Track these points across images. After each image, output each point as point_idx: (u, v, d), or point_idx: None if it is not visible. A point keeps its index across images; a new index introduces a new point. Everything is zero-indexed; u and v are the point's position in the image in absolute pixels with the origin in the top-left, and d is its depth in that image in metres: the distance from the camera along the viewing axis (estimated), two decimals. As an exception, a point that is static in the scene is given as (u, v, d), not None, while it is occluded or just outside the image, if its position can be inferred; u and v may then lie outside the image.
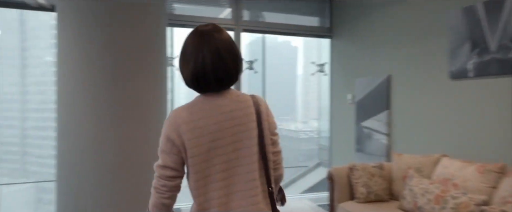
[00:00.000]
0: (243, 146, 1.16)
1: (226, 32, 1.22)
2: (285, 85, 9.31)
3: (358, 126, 4.13)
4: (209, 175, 1.15)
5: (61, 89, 2.84)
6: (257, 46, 8.72)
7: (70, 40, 2.83)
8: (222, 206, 1.14)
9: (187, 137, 1.13)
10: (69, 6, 2.82)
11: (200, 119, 1.15)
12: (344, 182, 2.85)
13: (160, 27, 3.30)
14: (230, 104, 1.18)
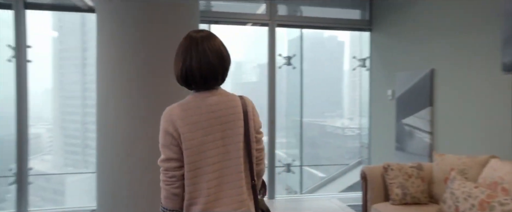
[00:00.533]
0: (231, 142, 1.29)
1: (218, 39, 1.35)
2: (331, 81, 9.03)
3: (399, 123, 3.90)
4: (200, 167, 1.25)
5: (99, 87, 2.99)
6: (303, 41, 8.58)
7: (108, 39, 2.97)
8: (212, 196, 1.25)
9: (182, 131, 1.25)
10: (107, 7, 2.95)
11: (192, 115, 1.27)
12: (378, 182, 2.69)
13: (192, 25, 3.35)
14: (220, 103, 1.31)
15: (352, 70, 5.37)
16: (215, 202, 1.25)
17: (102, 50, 3.01)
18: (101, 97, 3.01)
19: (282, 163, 5.35)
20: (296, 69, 5.39)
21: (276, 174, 5.01)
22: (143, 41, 2.95)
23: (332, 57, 9.09)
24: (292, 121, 5.92)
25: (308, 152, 8.01)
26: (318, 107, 8.90)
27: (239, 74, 9.37)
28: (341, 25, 4.74)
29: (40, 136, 8.22)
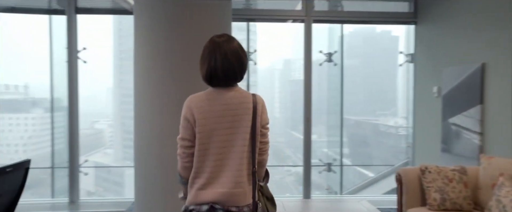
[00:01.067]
0: (237, 132, 1.49)
1: (236, 42, 1.55)
2: (384, 78, 8.63)
3: (445, 122, 3.62)
4: (208, 148, 1.48)
5: (136, 85, 3.15)
6: (355, 37, 8.26)
7: (143, 39, 3.11)
8: (213, 174, 1.48)
9: (197, 117, 1.48)
10: (144, 8, 3.10)
11: (208, 105, 1.50)
12: (415, 186, 2.51)
13: (225, 23, 3.39)
14: (233, 98, 1.52)
15: (399, 66, 5.09)
16: (214, 179, 1.47)
17: (138, 49, 3.16)
18: (138, 95, 3.16)
19: (323, 162, 5.24)
20: (344, 66, 5.26)
21: (316, 173, 4.94)
22: (177, 40, 3.04)
23: (385, 53, 8.66)
24: (342, 120, 5.75)
25: (360, 151, 7.73)
26: (370, 105, 8.56)
27: (287, 71, 9.30)
28: (383, 19, 4.50)
29: (103, 131, 8.83)
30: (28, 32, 4.75)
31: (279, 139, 9.11)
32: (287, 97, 9.32)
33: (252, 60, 4.75)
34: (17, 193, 1.67)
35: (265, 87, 9.22)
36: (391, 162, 6.84)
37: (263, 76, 9.11)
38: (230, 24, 3.48)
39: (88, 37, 4.98)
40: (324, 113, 6.27)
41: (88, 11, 4.20)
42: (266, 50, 8.84)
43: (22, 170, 1.65)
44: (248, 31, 4.77)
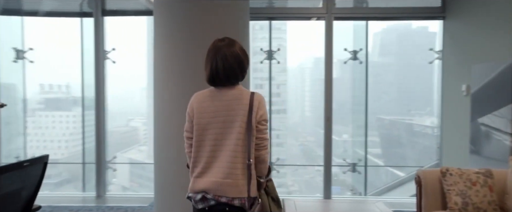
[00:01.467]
0: (232, 126, 1.59)
1: (237, 45, 1.68)
2: (419, 76, 8.31)
3: (474, 122, 3.42)
4: (203, 140, 1.62)
5: (156, 85, 3.23)
6: (389, 34, 7.98)
7: (162, 39, 3.19)
8: (207, 164, 1.60)
9: (195, 112, 1.65)
10: (162, 8, 3.17)
11: (207, 101, 1.65)
12: (435, 188, 2.40)
13: (243, 23, 3.40)
14: (230, 96, 1.63)
15: (429, 63, 4.88)
16: (208, 169, 1.59)
17: (157, 49, 3.24)
18: (157, 94, 3.24)
19: (347, 162, 5.15)
20: (377, 64, 5.15)
21: (349, 173, 4.87)
22: (194, 40, 3.09)
23: (421, 50, 8.32)
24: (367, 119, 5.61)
25: (393, 151, 7.49)
26: (405, 104, 8.29)
27: (318, 70, 9.14)
28: (409, 14, 4.33)
29: (137, 129, 9.17)
30: (68, 34, 5.03)
31: (309, 138, 8.96)
32: (317, 96, 9.19)
33: (275, 59, 4.73)
34: (36, 187, 1.77)
35: (295, 86, 9.09)
36: (424, 163, 6.58)
37: (293, 75, 8.99)
38: (248, 23, 3.49)
39: (124, 38, 5.19)
40: (356, 112, 6.15)
41: (113, 13, 4.36)
42: (296, 49, 8.71)
43: (41, 165, 1.75)
44: (270, 29, 4.76)
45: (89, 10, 4.36)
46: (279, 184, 6.28)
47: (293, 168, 7.66)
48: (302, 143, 9.22)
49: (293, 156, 8.31)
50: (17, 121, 5.21)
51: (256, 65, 5.64)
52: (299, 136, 8.93)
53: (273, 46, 4.68)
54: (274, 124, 3.71)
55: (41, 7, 4.58)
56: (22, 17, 4.76)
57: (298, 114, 9.10)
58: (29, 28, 4.84)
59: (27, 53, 4.64)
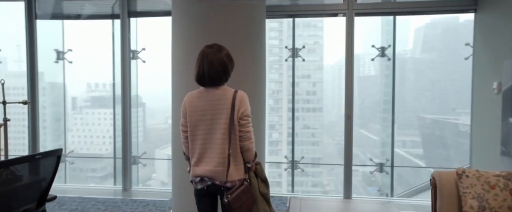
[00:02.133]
0: (218, 122, 1.88)
1: (224, 51, 1.95)
2: (465, 73, 7.88)
3: (505, 122, 3.20)
4: (196, 134, 1.92)
5: (173, 83, 3.34)
6: (432, 28, 7.64)
7: (180, 39, 3.28)
8: (200, 155, 1.91)
9: (188, 110, 1.94)
10: (179, 9, 3.27)
11: (196, 101, 1.94)
12: (451, 191, 2.27)
13: (259, 22, 3.42)
14: (217, 95, 1.92)
15: (464, 59, 4.63)
16: (201, 159, 1.91)
17: (174, 49, 3.34)
18: (174, 92, 3.35)
19: (374, 162, 5.03)
20: (420, 61, 5.01)
21: (384, 174, 4.75)
22: (210, 40, 3.14)
23: (468, 46, 7.83)
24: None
25: (437, 152, 7.13)
26: (449, 102, 7.89)
27: (356, 67, 8.82)
28: (437, 8, 4.10)
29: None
30: (103, 35, 5.34)
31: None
32: (355, 94, 8.93)
33: (299, 56, 4.69)
34: (51, 178, 1.90)
35: (332, 84, 8.86)
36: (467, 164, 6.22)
37: (330, 73, 8.77)
38: (264, 22, 3.50)
39: (158, 38, 5.37)
40: (396, 111, 5.97)
41: (138, 14, 4.54)
42: (333, 46, 8.50)
43: (54, 158, 1.88)
44: (293, 27, 4.73)
45: (117, 12, 4.57)
46: (314, 183, 6.10)
47: (329, 167, 7.53)
48: (338, 142, 9.01)
49: (329, 155, 8.13)
50: (65, 118, 5.63)
51: (289, 63, 5.62)
52: (336, 134, 8.72)
53: (309, 43, 4.62)
54: (309, 122, 3.70)
55: (79, 11, 4.86)
56: (63, 20, 5.09)
57: (334, 112, 8.88)
58: (68, 31, 5.17)
59: (67, 54, 4.95)
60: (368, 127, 6.83)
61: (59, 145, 5.40)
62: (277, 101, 6.13)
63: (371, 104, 6.81)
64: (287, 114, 5.82)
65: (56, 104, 5.42)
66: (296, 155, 4.92)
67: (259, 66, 3.43)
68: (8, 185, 1.68)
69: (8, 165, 1.62)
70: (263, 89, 3.53)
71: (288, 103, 5.71)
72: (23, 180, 1.74)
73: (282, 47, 5.60)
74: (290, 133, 6.03)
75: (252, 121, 3.18)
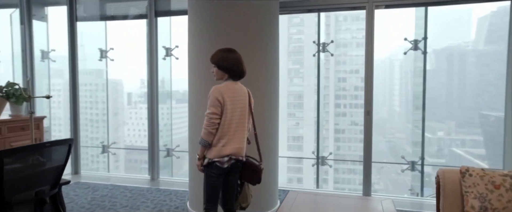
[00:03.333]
0: (244, 109, 2.37)
1: (238, 53, 2.41)
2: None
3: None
4: (232, 120, 2.31)
5: (190, 79, 3.50)
6: (500, 17, 7.18)
7: (194, 37, 3.43)
8: (231, 136, 2.31)
9: (225, 100, 2.27)
10: (194, 8, 3.40)
11: (230, 93, 2.32)
12: (454, 190, 2.16)
13: (272, 20, 3.46)
14: (240, 88, 2.40)
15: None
16: (230, 141, 2.30)
17: (190, 47, 3.49)
18: (191, 88, 3.50)
19: (406, 160, 4.89)
20: (485, 53, 4.82)
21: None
22: (220, 38, 3.25)
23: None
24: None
25: (501, 152, 6.65)
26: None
27: (409, 61, 8.45)
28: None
29: None
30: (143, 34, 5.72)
31: (398, 135, 8.35)
32: (408, 90, 8.53)
33: (328, 51, 4.64)
34: (64, 164, 2.14)
35: (384, 79, 8.50)
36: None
37: (380, 67, 8.41)
38: (277, 20, 3.53)
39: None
40: (455, 108, 5.71)
41: (165, 14, 4.78)
42: (384, 39, 8.15)
43: (66, 146, 2.10)
44: (318, 22, 4.68)
45: (142, 13, 4.84)
46: (361, 181, 6.09)
47: (379, 165, 7.31)
48: (390, 139, 8.64)
49: (379, 153, 7.87)
50: (122, 112, 6.08)
51: (337, 58, 5.55)
52: (387, 131, 8.38)
53: (358, 37, 4.52)
54: (357, 119, 3.70)
55: (120, 12, 5.21)
56: (105, 21, 5.49)
57: (386, 108, 8.53)
58: (110, 31, 5.58)
59: (109, 52, 5.30)
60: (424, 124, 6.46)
61: (116, 137, 5.86)
62: (324, 97, 5.90)
63: (425, 100, 6.42)
64: (334, 110, 5.79)
65: (115, 100, 5.92)
66: (344, 152, 4.81)
67: (272, 63, 3.47)
68: (24, 169, 1.93)
69: (18, 151, 1.86)
70: (276, 86, 3.57)
71: (335, 99, 5.73)
72: (35, 165, 1.98)
73: (328, 42, 5.54)
74: (337, 130, 5.96)
75: (267, 116, 3.29)
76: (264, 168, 2.48)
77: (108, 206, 3.73)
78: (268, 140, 3.44)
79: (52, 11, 5.40)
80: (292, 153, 6.21)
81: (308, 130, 5.92)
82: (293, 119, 6.01)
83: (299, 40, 5.93)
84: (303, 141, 6.23)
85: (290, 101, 5.93)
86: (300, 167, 6.10)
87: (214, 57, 2.40)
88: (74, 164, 5.12)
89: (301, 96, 6.09)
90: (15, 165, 1.91)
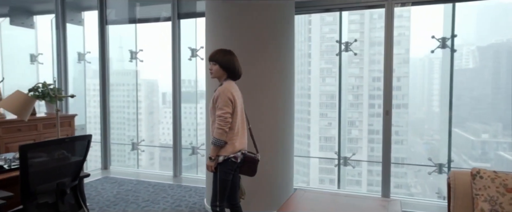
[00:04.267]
0: (243, 110, 2.56)
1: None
2: None
3: None
4: (239, 118, 2.45)
5: (208, 78, 3.61)
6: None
7: (210, 37, 3.53)
8: (240, 133, 2.46)
9: (235, 99, 2.40)
10: (211, 9, 3.50)
11: (236, 92, 2.46)
12: (466, 192, 2.08)
13: (287, 17, 3.49)
14: (237, 88, 2.53)
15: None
16: (241, 137, 2.47)
17: (208, 47, 3.60)
18: (208, 86, 3.61)
19: (433, 163, 4.77)
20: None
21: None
22: (235, 38, 3.33)
23: None
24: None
25: None
26: None
27: (449, 60, 8.00)
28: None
29: None
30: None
31: (436, 137, 8.01)
32: (448, 90, 8.10)
33: (351, 50, 4.60)
34: (83, 158, 2.31)
35: (422, 79, 8.13)
36: None
37: (419, 66, 8.06)
38: (292, 20, 3.56)
39: None
40: (501, 108, 5.46)
41: (187, 16, 4.94)
42: (422, 37, 7.85)
43: (85, 141, 2.27)
44: (340, 20, 4.65)
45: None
46: (397, 184, 5.86)
47: (416, 168, 7.06)
48: (428, 141, 8.26)
49: (416, 155, 7.53)
50: (157, 111, 6.34)
51: (373, 57, 5.46)
52: (425, 133, 8.01)
53: (394, 35, 4.46)
54: (392, 120, 3.65)
55: (149, 14, 5.45)
56: (135, 24, 5.77)
57: (424, 109, 8.17)
58: (140, 33, 5.84)
59: (138, 54, 5.54)
60: (465, 126, 6.17)
61: (151, 135, 6.13)
62: (357, 97, 5.81)
63: (469, 100, 6.08)
64: (368, 111, 5.62)
65: (151, 99, 6.20)
66: (378, 153, 4.74)
67: (288, 63, 3.50)
68: (48, 162, 2.11)
69: (39, 146, 2.04)
70: (292, 86, 3.59)
71: (369, 99, 5.55)
72: (59, 158, 2.16)
73: (363, 40, 5.43)
74: (371, 130, 5.86)
75: (282, 116, 3.34)
76: (260, 159, 2.61)
77: (131, 199, 3.93)
78: (283, 140, 3.47)
79: (88, 16, 5.74)
80: (324, 153, 6.13)
81: (342, 130, 5.84)
82: (325, 119, 5.86)
83: (331, 39, 5.86)
84: (335, 141, 6.17)
85: (322, 101, 5.79)
86: (332, 168, 6.01)
87: (216, 56, 2.47)
88: (103, 159, 5.42)
89: (334, 96, 6.00)
90: (41, 159, 2.09)
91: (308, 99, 5.82)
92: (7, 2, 5.65)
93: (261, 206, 3.32)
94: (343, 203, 2.34)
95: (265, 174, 3.35)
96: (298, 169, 6.19)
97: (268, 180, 3.38)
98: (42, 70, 5.81)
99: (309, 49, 5.86)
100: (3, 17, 5.81)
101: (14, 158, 2.48)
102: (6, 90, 3.99)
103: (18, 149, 1.91)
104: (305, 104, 5.88)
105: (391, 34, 3.84)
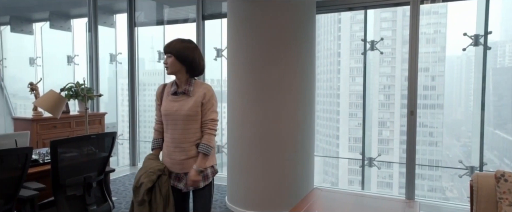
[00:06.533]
0: None
1: None
2: None
3: None
4: None
5: (229, 78, 3.66)
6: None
7: (231, 38, 3.58)
8: None
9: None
10: (232, 9, 3.56)
11: None
12: (490, 195, 2.00)
13: (308, 17, 3.49)
14: None
15: None
16: None
17: (229, 48, 3.67)
18: (230, 86, 3.68)
19: (465, 165, 4.64)
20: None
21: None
22: (254, 38, 3.37)
23: None
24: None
25: None
26: None
27: (492, 57, 7.52)
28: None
29: None
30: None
31: (475, 139, 7.66)
32: (489, 91, 7.63)
33: (377, 49, 4.52)
34: (109, 153, 2.44)
35: (459, 78, 7.78)
36: None
37: (456, 65, 7.70)
38: (314, 20, 3.55)
39: None
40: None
41: (210, 17, 5.04)
42: (459, 35, 7.51)
43: (110, 138, 2.40)
44: (365, 18, 4.57)
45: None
46: (431, 187, 5.67)
47: (452, 171, 6.80)
48: (465, 143, 7.91)
49: (452, 158, 7.25)
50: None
51: (406, 55, 5.34)
52: (462, 135, 7.69)
53: (427, 33, 4.33)
54: (426, 120, 3.55)
55: (175, 16, 5.61)
56: (163, 26, 5.95)
57: (461, 109, 7.83)
58: (168, 35, 6.02)
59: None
60: (507, 127, 5.91)
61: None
62: (389, 97, 5.67)
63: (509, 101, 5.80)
64: (400, 111, 5.44)
65: None
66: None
67: (309, 62, 3.50)
68: (77, 157, 2.25)
69: (67, 142, 2.18)
70: (313, 86, 3.58)
71: (402, 99, 5.36)
72: (87, 154, 2.30)
73: (395, 38, 5.29)
74: (403, 131, 5.72)
75: (304, 116, 3.35)
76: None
77: (156, 195, 4.07)
78: (303, 139, 3.47)
79: (120, 18, 5.99)
80: (353, 154, 6.03)
81: (372, 131, 5.69)
82: (355, 119, 5.70)
83: (361, 37, 5.77)
84: (365, 142, 6.05)
85: (352, 101, 5.64)
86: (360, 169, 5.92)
87: (172, 46, 1.96)
88: (131, 156, 5.64)
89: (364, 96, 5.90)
90: (70, 154, 2.24)
91: (337, 99, 5.72)
92: (47, 8, 6.02)
93: (280, 206, 3.34)
94: (357, 203, 2.32)
95: (284, 173, 3.37)
96: (326, 169, 6.12)
97: (288, 179, 3.39)
98: (78, 71, 6.13)
99: (339, 48, 5.76)
100: (43, 21, 6.20)
101: (47, 152, 2.66)
102: (45, 90, 4.26)
103: (49, 144, 2.06)
104: (334, 104, 5.79)
105: (417, 32, 3.73)
